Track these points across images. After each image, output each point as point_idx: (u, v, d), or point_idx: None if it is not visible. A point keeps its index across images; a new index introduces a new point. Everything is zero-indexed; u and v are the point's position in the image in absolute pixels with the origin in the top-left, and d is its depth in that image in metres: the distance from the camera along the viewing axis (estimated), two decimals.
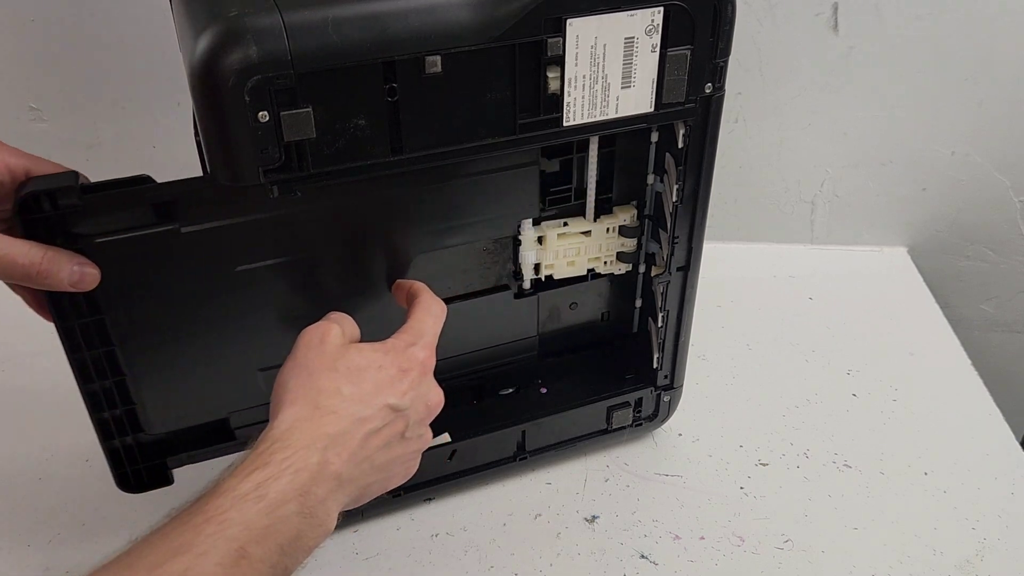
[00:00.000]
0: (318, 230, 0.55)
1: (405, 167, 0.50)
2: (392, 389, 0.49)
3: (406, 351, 0.51)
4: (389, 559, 0.63)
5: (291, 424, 0.46)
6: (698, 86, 0.53)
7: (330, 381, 0.48)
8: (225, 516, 0.41)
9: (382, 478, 0.50)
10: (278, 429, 0.46)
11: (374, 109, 0.47)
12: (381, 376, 0.49)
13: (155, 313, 0.53)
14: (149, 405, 0.57)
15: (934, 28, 0.83)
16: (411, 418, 0.51)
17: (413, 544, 0.64)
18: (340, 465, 0.46)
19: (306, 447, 0.45)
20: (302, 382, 0.48)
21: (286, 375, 0.49)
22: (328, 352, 0.50)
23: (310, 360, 0.49)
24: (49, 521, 0.66)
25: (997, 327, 1.01)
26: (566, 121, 0.52)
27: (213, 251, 0.52)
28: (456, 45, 0.46)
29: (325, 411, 0.47)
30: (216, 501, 0.42)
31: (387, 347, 0.51)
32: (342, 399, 0.48)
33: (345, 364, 0.49)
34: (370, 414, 0.48)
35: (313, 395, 0.47)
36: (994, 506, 0.67)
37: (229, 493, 0.42)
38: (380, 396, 0.49)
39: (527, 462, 0.68)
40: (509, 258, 0.63)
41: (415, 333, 0.53)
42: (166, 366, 0.56)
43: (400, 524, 0.66)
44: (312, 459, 0.45)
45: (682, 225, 0.60)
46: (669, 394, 0.70)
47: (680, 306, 0.65)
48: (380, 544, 0.64)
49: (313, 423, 0.46)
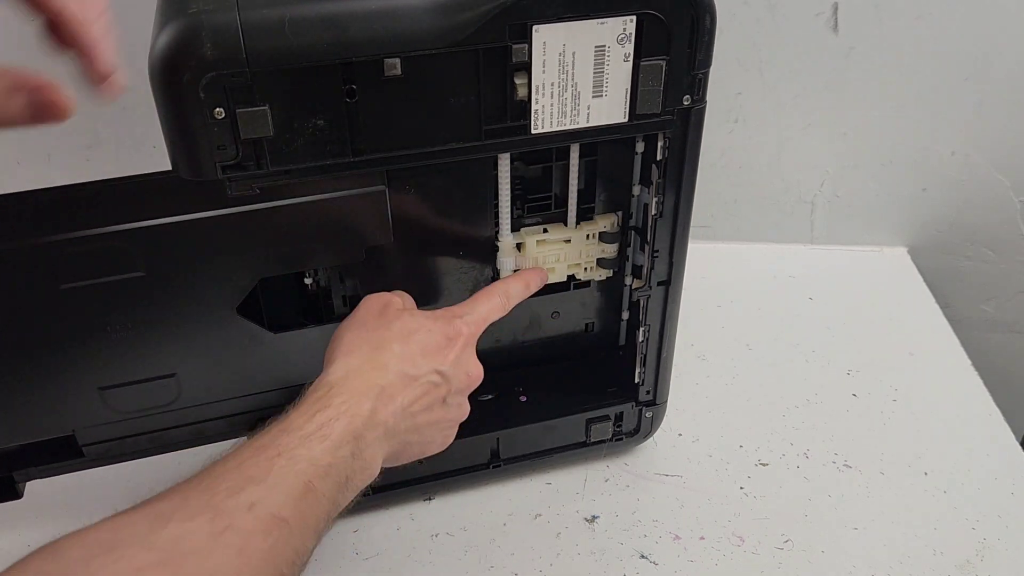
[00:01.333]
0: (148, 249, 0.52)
1: (365, 168, 0.49)
2: (438, 355, 0.53)
3: (453, 321, 0.55)
4: (389, 559, 0.63)
5: (347, 372, 0.50)
6: (675, 98, 0.52)
7: (383, 338, 0.52)
8: (294, 452, 0.44)
9: (421, 440, 0.54)
10: (334, 375, 0.50)
11: (333, 110, 0.47)
12: (429, 340, 0.53)
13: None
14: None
15: (934, 28, 0.83)
16: (453, 386, 0.54)
17: (413, 544, 0.64)
18: (387, 415, 0.49)
19: (361, 394, 0.49)
20: (357, 335, 0.52)
21: (343, 329, 0.53)
22: (385, 315, 0.54)
23: (368, 320, 0.53)
24: None
25: (997, 327, 1.01)
26: (534, 128, 0.51)
27: (35, 268, 0.50)
28: (417, 48, 0.46)
29: (377, 364, 0.50)
30: (285, 439, 0.45)
31: (437, 315, 0.55)
32: (392, 355, 0.51)
33: (399, 325, 0.53)
34: (416, 374, 0.52)
35: (367, 349, 0.51)
36: (994, 506, 0.67)
37: (296, 432, 0.46)
38: (426, 359, 0.52)
39: (527, 463, 0.68)
40: (487, 263, 0.61)
41: (467, 308, 0.56)
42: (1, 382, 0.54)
43: (400, 524, 0.66)
44: (365, 406, 0.48)
45: (662, 238, 0.59)
46: (652, 410, 0.68)
47: (662, 321, 0.63)
48: (380, 544, 0.64)
49: (366, 373, 0.50)
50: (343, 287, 0.60)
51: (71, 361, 0.55)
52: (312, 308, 0.60)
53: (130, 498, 0.43)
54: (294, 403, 0.49)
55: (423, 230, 0.58)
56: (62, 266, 0.50)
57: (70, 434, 0.58)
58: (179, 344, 0.56)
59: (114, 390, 0.56)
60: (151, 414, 0.58)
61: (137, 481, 0.65)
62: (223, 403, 0.60)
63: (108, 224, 0.49)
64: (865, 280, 0.94)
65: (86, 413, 0.57)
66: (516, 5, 0.46)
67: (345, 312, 0.59)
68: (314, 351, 0.59)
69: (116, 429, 0.58)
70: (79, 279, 0.51)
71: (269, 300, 0.58)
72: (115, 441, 0.59)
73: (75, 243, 0.49)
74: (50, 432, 0.58)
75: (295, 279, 0.59)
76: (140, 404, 0.58)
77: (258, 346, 0.58)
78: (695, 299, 0.87)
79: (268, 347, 0.58)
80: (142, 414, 0.58)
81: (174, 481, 0.45)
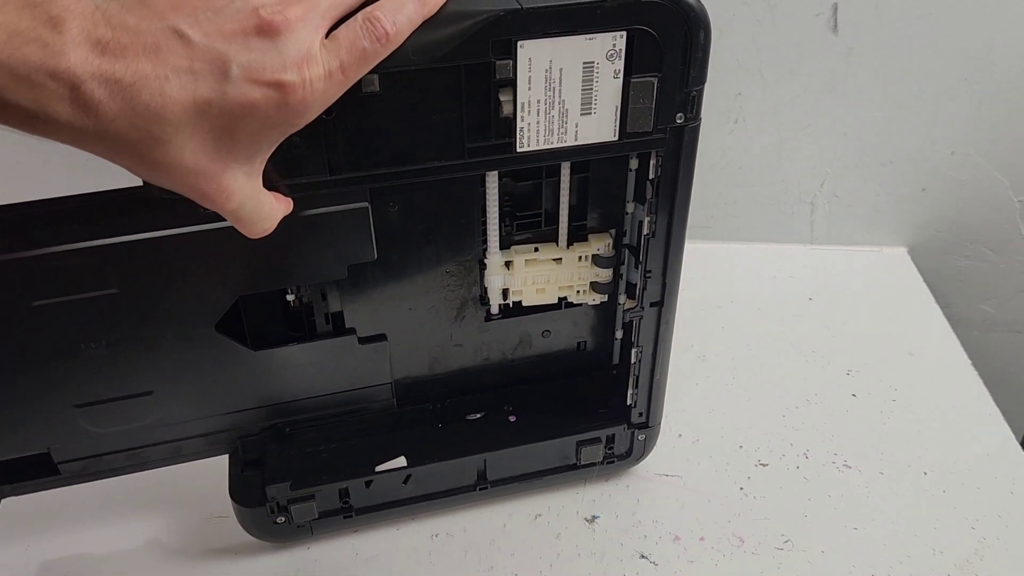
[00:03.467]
0: (121, 265, 0.51)
1: (342, 187, 0.48)
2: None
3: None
4: (389, 559, 0.63)
5: None
6: (668, 116, 0.49)
7: None
8: None
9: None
10: None
11: (309, 127, 0.44)
12: None
13: None
14: None
15: (934, 28, 0.83)
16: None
17: (413, 544, 0.64)
18: None
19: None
20: None
21: None
22: None
23: None
24: None
25: (997, 327, 1.01)
26: (520, 147, 0.49)
27: (6, 285, 0.49)
28: (396, 65, 0.43)
29: None
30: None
31: None
32: None
33: None
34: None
35: None
36: (994, 506, 0.67)
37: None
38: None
39: (514, 485, 0.66)
40: (475, 281, 0.60)
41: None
42: None
43: (400, 524, 0.66)
44: None
45: (655, 258, 0.57)
46: (644, 432, 0.66)
47: (655, 343, 0.61)
48: (380, 544, 0.64)
49: None
50: (325, 304, 0.58)
51: (45, 378, 0.53)
52: (295, 325, 0.59)
53: (107, 514, 0.41)
54: None
55: (408, 247, 0.57)
56: (34, 282, 0.49)
57: (45, 452, 0.57)
58: (156, 362, 0.54)
59: (90, 408, 0.55)
60: (128, 432, 0.57)
61: (113, 498, 0.66)
62: (203, 421, 0.59)
63: (80, 240, 0.48)
64: (865, 280, 0.94)
65: (61, 431, 0.56)
66: (500, 20, 0.44)
67: (328, 330, 0.58)
68: (297, 369, 0.59)
69: (92, 447, 0.57)
70: (51, 296, 0.50)
71: (251, 316, 0.57)
72: (91, 459, 0.58)
73: (47, 259, 0.48)
74: (25, 449, 0.56)
75: (278, 295, 0.57)
76: (117, 422, 0.56)
77: (238, 364, 0.57)
78: (695, 299, 0.87)
79: (249, 365, 0.57)
80: (119, 432, 0.57)
81: (151, 498, 0.43)
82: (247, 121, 0.37)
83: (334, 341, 0.59)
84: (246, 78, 0.36)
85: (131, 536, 0.65)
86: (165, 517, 0.66)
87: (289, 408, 0.61)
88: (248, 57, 0.36)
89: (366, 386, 0.55)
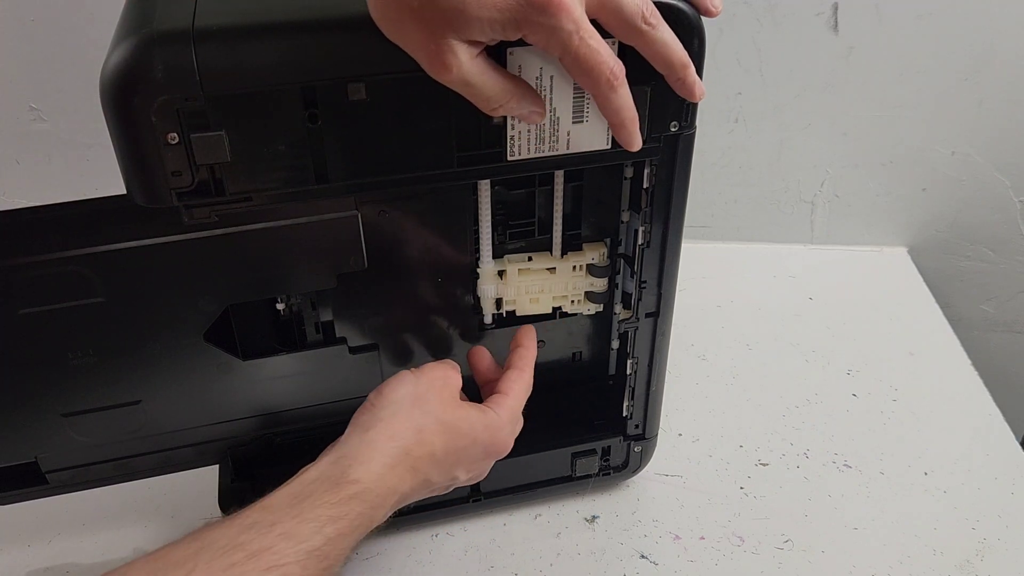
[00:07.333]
0: (107, 274, 0.50)
1: (330, 196, 0.47)
2: (469, 466, 0.54)
3: (499, 434, 0.54)
4: (389, 559, 0.63)
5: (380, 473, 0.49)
6: (662, 124, 0.49)
7: (432, 432, 0.51)
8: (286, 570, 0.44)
9: None
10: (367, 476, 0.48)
11: (294, 135, 0.44)
12: (470, 452, 0.53)
13: None
14: None
15: (934, 28, 0.83)
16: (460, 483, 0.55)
17: (413, 544, 0.64)
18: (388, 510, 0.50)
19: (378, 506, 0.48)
20: (412, 414, 0.51)
21: (402, 392, 0.52)
22: (445, 399, 0.53)
23: (430, 398, 0.52)
24: None
25: (997, 327, 1.01)
26: (510, 155, 0.48)
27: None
28: (382, 72, 0.43)
29: (408, 466, 0.50)
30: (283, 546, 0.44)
31: (488, 421, 0.54)
32: (430, 460, 0.51)
33: (453, 422, 0.52)
34: (440, 483, 0.53)
35: (413, 440, 0.51)
36: (994, 506, 0.67)
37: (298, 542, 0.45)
38: (457, 469, 0.53)
39: (509, 497, 0.65)
40: (468, 291, 0.59)
41: (512, 410, 0.55)
42: None
43: (400, 524, 0.66)
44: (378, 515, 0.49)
45: (650, 269, 0.56)
46: (641, 444, 0.65)
47: (651, 354, 0.60)
48: (380, 544, 0.64)
49: (396, 475, 0.49)
50: (315, 314, 0.58)
51: (32, 387, 0.53)
52: (285, 334, 0.58)
53: (96, 524, 0.41)
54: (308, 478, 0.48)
55: (399, 256, 0.56)
56: (20, 290, 0.49)
57: (33, 461, 0.56)
58: (144, 371, 0.54)
59: (77, 417, 0.55)
60: (116, 441, 0.57)
61: (102, 507, 0.65)
62: (192, 431, 0.59)
63: (66, 248, 0.48)
64: (865, 280, 0.94)
65: (49, 440, 0.55)
66: None
67: (319, 340, 0.58)
68: (287, 379, 0.58)
69: (80, 456, 0.57)
70: (37, 304, 0.49)
71: (241, 325, 0.56)
72: (79, 468, 0.58)
73: (32, 267, 0.48)
74: (12, 459, 0.56)
75: (268, 304, 0.57)
76: (105, 431, 0.56)
77: (227, 373, 0.56)
78: (695, 299, 0.87)
79: (238, 374, 0.57)
80: (107, 441, 0.57)
81: (138, 510, 0.44)
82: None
83: (325, 351, 0.58)
84: None
85: (121, 546, 0.65)
86: (155, 527, 0.66)
87: (279, 418, 0.60)
88: None
89: (357, 396, 0.55)
